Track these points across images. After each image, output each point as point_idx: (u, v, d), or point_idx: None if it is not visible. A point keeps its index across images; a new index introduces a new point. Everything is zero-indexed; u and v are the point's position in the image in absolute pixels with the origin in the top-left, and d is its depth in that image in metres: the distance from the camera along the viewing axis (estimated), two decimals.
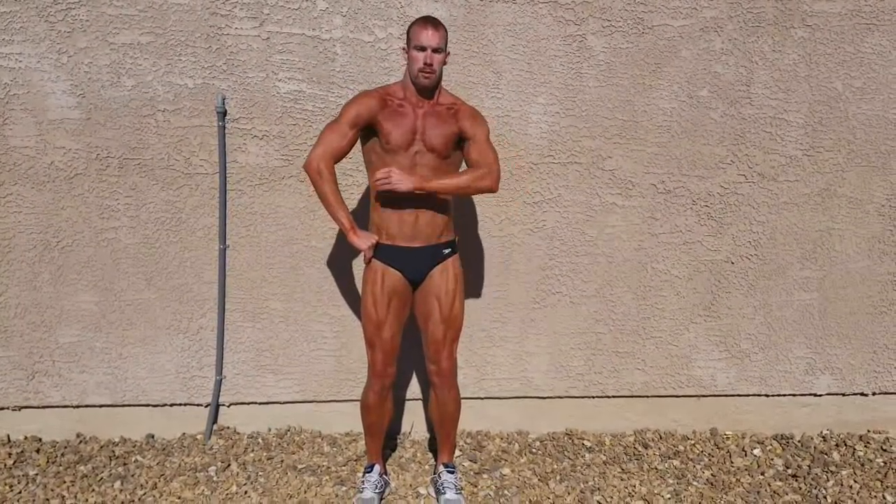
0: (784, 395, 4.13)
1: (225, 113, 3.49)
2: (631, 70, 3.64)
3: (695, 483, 3.68)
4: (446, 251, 3.19)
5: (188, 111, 3.49)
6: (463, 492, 3.46)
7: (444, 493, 3.39)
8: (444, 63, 3.06)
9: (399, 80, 3.17)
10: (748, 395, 4.12)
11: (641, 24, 3.56)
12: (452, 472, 3.47)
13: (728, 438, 4.09)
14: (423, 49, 2.96)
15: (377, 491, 3.40)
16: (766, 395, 4.13)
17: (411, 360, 3.68)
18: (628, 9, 3.54)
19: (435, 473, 3.53)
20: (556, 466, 3.77)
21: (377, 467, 3.47)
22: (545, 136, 3.67)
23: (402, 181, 2.98)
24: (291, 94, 3.50)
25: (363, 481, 3.43)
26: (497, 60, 3.56)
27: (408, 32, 3.02)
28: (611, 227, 3.83)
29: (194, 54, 3.43)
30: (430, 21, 2.99)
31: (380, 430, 3.42)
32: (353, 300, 3.74)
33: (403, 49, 3.06)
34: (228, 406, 3.90)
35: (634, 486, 3.64)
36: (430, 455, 3.83)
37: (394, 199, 3.07)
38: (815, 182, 3.83)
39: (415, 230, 3.10)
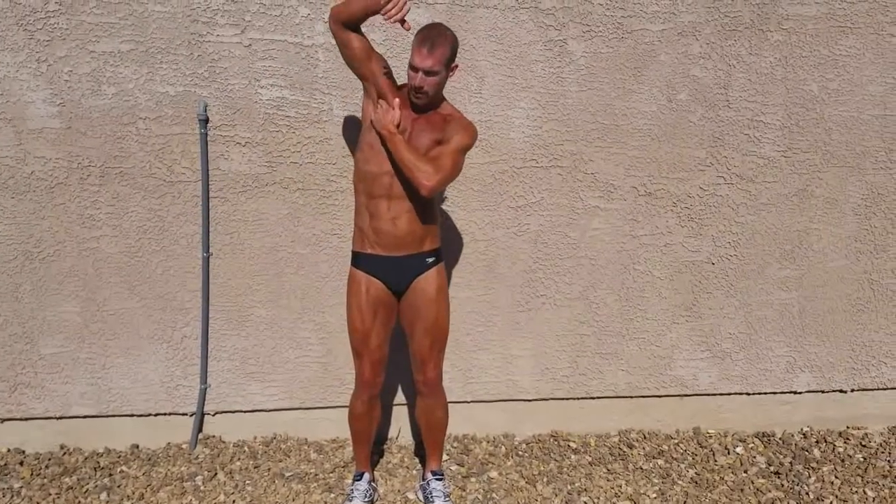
0: (765, 394, 4.19)
1: (207, 120, 3.48)
2: (611, 74, 3.67)
3: (680, 482, 3.72)
4: (430, 260, 3.14)
5: (170, 119, 3.47)
6: (451, 498, 3.47)
7: (433, 501, 3.40)
8: (450, 77, 2.98)
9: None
10: (730, 394, 4.17)
11: (621, 28, 3.60)
12: (441, 479, 3.47)
13: (711, 437, 4.14)
14: (415, 70, 2.87)
15: (366, 499, 3.40)
16: (748, 394, 4.18)
17: (397, 365, 3.68)
18: (608, 14, 3.57)
19: (423, 480, 3.54)
20: (542, 468, 3.80)
21: (366, 475, 3.47)
22: (528, 140, 3.70)
23: (383, 122, 2.93)
24: (274, 100, 3.50)
25: (352, 490, 3.43)
26: (479, 66, 3.58)
27: (413, 43, 2.90)
28: (593, 229, 3.86)
29: (175, 62, 3.41)
30: (428, 39, 2.84)
31: (368, 437, 3.42)
32: (339, 306, 3.74)
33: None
34: (213, 415, 3.88)
35: (620, 487, 3.67)
36: (416, 460, 3.84)
37: (376, 206, 3.04)
38: (792, 183, 3.89)
39: (396, 238, 3.06)
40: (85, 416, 3.77)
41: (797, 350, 4.12)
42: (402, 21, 2.80)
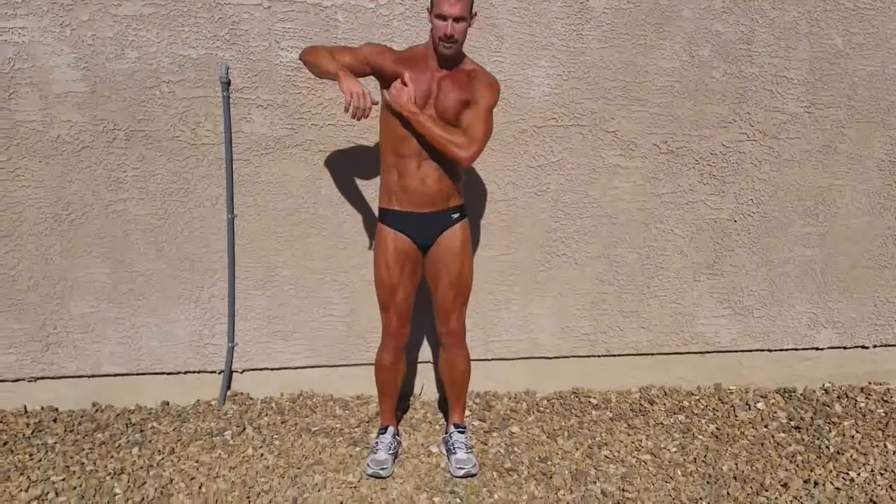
0: (786, 350, 4.20)
1: (229, 83, 3.51)
2: (632, 30, 3.64)
3: (700, 436, 3.77)
4: (455, 216, 3.21)
5: (192, 82, 3.50)
6: (473, 450, 3.54)
7: (455, 453, 3.47)
8: (471, 25, 3.01)
9: (424, 42, 3.12)
10: (751, 351, 4.19)
11: None
12: (463, 432, 3.54)
13: (732, 393, 4.17)
14: (444, 18, 2.90)
15: (391, 452, 3.48)
16: (769, 350, 4.20)
17: (421, 323, 3.73)
18: None
19: (446, 433, 3.61)
20: (563, 424, 3.85)
21: (391, 429, 3.55)
22: (547, 98, 3.69)
23: (400, 99, 2.97)
24: (294, 62, 3.51)
25: (377, 442, 3.51)
26: (499, 24, 3.57)
27: None
28: (614, 188, 3.87)
29: (197, 24, 3.43)
30: None
31: (393, 390, 3.50)
32: (361, 266, 3.78)
33: (428, 10, 2.99)
34: (241, 372, 3.97)
35: (641, 441, 3.72)
36: (440, 415, 3.91)
37: (405, 166, 3.09)
38: (816, 139, 3.86)
39: (424, 196, 3.12)
40: (116, 375, 3.87)
41: (819, 306, 4.12)
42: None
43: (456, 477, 3.41)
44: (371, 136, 3.60)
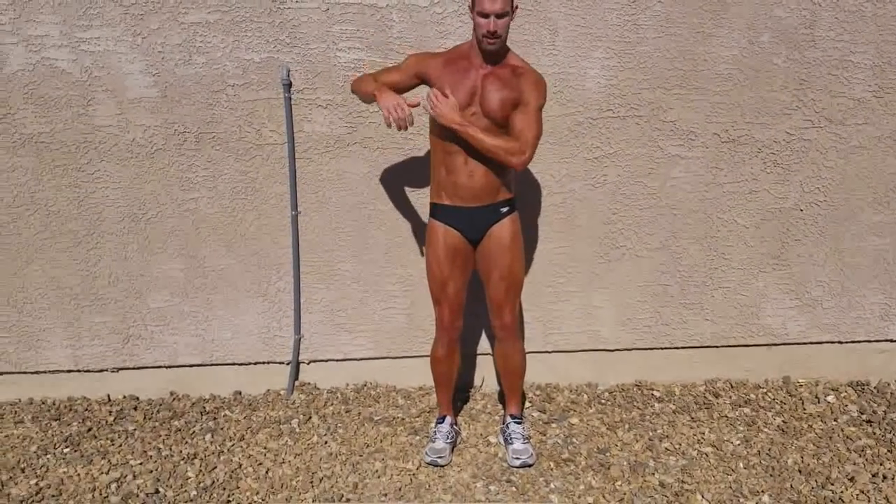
0: (858, 342, 4.08)
1: (290, 84, 3.64)
2: (689, 19, 3.61)
3: (765, 430, 3.70)
4: (504, 210, 3.24)
5: (256, 84, 3.65)
6: (530, 441, 3.58)
7: (513, 443, 3.52)
8: (512, 19, 3.03)
9: (468, 39, 3.16)
10: (821, 343, 4.09)
11: None
12: (520, 423, 3.59)
13: (801, 386, 4.08)
14: (486, 16, 2.92)
15: (449, 441, 3.55)
16: (840, 342, 4.08)
17: (479, 315, 3.79)
18: None
19: (503, 424, 3.66)
20: (624, 416, 3.85)
21: (448, 418, 3.62)
22: (603, 90, 3.69)
23: (444, 113, 3.01)
24: (352, 62, 3.62)
25: (435, 432, 3.59)
26: (552, 17, 3.59)
27: None
28: (674, 178, 3.83)
29: (259, 29, 3.58)
30: None
31: (449, 381, 3.57)
32: (420, 260, 3.87)
33: (470, 8, 3.01)
34: (308, 363, 4.11)
35: (703, 434, 3.69)
36: (499, 407, 3.96)
37: (453, 161, 3.15)
38: (885, 124, 3.74)
39: (472, 190, 3.17)
40: (191, 365, 4.07)
41: (893, 297, 3.99)
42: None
43: (513, 467, 3.46)
44: (425, 132, 3.67)
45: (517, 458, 3.46)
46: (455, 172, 3.16)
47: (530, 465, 3.46)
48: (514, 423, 3.58)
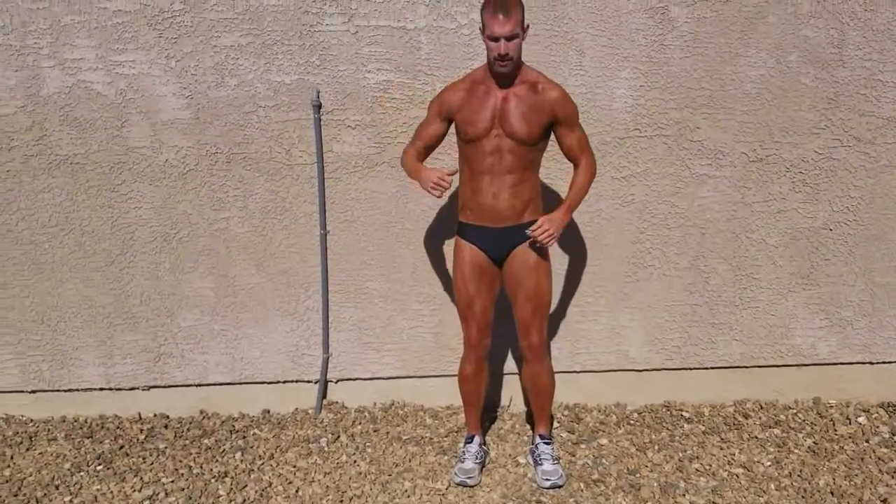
0: (890, 363, 4.04)
1: (320, 106, 3.69)
2: (716, 39, 3.62)
3: (796, 451, 3.67)
4: (528, 231, 3.23)
5: (286, 106, 3.70)
6: (560, 461, 3.57)
7: (542, 464, 3.51)
8: (524, 40, 3.04)
9: (485, 62, 3.18)
10: (852, 363, 4.05)
11: None
12: (549, 444, 3.58)
13: (831, 407, 4.04)
14: (496, 39, 2.94)
15: (478, 461, 3.54)
16: (871, 363, 4.04)
17: (507, 335, 3.79)
18: None
19: (532, 444, 3.65)
20: (654, 437, 3.83)
21: (477, 438, 3.62)
22: (630, 110, 3.70)
23: (556, 232, 3.13)
24: (381, 84, 3.66)
25: (464, 452, 3.58)
26: (579, 38, 3.61)
27: (481, 15, 2.97)
28: (702, 198, 3.83)
29: (290, 52, 3.63)
30: (500, 7, 2.89)
31: (477, 400, 3.56)
32: (448, 279, 3.87)
33: (481, 31, 3.03)
34: (336, 382, 4.13)
35: (734, 455, 3.66)
36: (528, 427, 3.95)
37: (478, 182, 3.18)
38: None
39: (496, 211, 3.19)
40: (221, 384, 4.10)
41: None
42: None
43: (542, 488, 3.45)
44: (453, 150, 3.70)
45: (547, 480, 3.45)
46: (481, 193, 3.19)
47: (560, 486, 3.45)
48: (544, 443, 3.57)
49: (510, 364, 4.09)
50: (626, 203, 3.83)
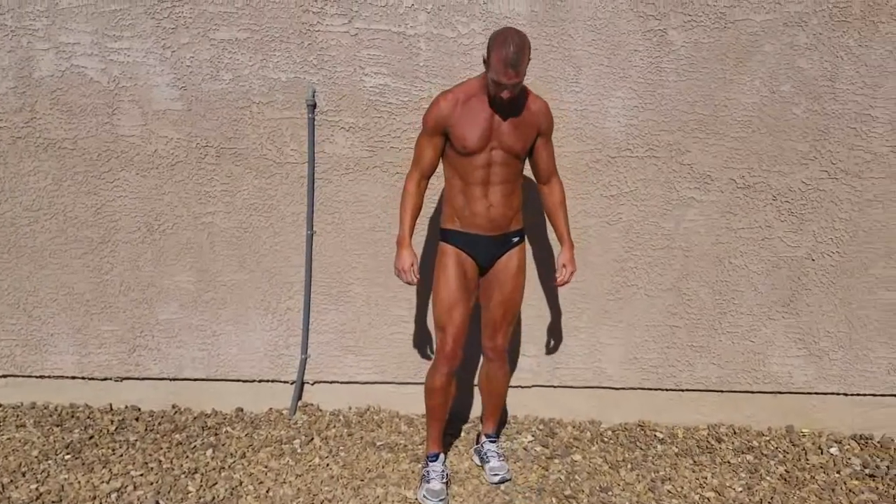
0: (864, 395, 4.07)
1: (315, 105, 3.67)
2: (712, 64, 3.65)
3: (768, 478, 3.69)
4: (515, 239, 3.34)
5: (281, 104, 3.69)
6: (505, 457, 3.65)
7: (489, 461, 3.58)
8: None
9: (480, 74, 3.19)
10: (826, 394, 4.08)
11: (724, 18, 3.57)
12: (494, 441, 3.66)
13: (804, 436, 4.06)
14: (502, 87, 2.97)
15: (444, 481, 3.46)
16: (846, 394, 4.08)
17: (478, 346, 3.78)
18: (710, 3, 3.55)
19: (478, 444, 3.72)
20: (627, 455, 3.83)
21: (442, 456, 3.55)
22: (623, 129, 3.72)
23: (573, 271, 3.39)
24: (377, 87, 3.66)
25: (429, 471, 3.47)
26: (577, 55, 3.63)
27: (489, 48, 2.95)
28: (688, 221, 3.85)
29: (287, 50, 3.62)
30: (512, 63, 2.89)
31: (443, 414, 3.49)
32: (429, 287, 3.87)
33: (484, 60, 3.00)
34: (312, 384, 4.10)
35: (706, 478, 3.67)
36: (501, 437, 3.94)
37: (472, 192, 3.21)
38: None
39: (489, 220, 3.24)
40: (195, 379, 4.06)
41: None
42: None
43: (492, 483, 3.52)
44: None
45: (495, 475, 3.53)
46: (473, 202, 3.23)
47: (508, 480, 3.54)
48: (489, 441, 3.67)
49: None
50: (613, 222, 3.85)
